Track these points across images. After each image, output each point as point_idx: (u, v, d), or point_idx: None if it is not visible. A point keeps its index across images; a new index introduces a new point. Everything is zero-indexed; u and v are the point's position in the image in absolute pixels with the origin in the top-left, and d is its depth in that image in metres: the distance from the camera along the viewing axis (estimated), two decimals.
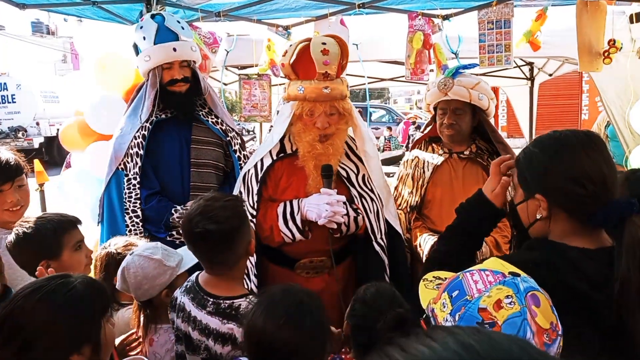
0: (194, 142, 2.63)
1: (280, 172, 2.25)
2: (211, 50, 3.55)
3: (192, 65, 2.62)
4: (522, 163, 1.27)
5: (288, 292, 1.28)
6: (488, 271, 0.99)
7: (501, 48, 3.04)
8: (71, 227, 1.85)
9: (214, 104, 2.74)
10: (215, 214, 1.51)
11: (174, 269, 1.82)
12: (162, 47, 2.52)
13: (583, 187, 1.15)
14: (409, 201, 2.60)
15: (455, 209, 1.53)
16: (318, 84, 2.09)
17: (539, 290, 0.94)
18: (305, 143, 2.14)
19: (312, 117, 2.13)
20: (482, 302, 0.92)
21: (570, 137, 1.21)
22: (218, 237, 1.50)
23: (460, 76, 2.48)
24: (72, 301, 1.14)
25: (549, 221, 1.22)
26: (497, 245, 2.35)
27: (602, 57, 2.88)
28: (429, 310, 1.03)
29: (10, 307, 1.11)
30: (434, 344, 0.42)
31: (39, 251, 1.74)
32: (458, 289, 0.98)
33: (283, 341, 1.18)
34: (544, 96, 9.41)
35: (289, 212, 2.12)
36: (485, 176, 2.52)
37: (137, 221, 2.52)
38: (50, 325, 1.10)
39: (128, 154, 2.56)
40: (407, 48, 3.23)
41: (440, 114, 2.54)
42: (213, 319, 1.52)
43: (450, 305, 0.97)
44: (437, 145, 2.65)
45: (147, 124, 2.56)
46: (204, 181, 2.63)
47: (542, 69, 5.44)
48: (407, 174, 2.65)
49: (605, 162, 1.18)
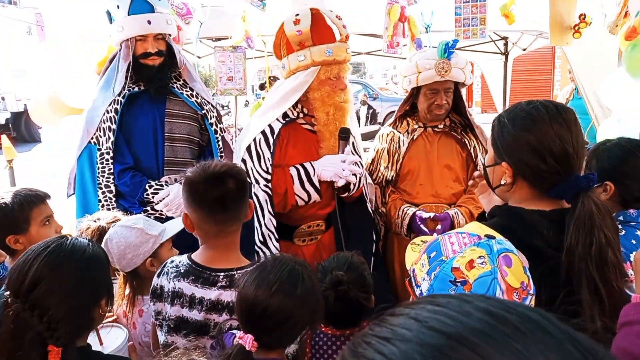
0: (168, 115, 2.58)
1: (286, 138, 2.29)
2: (184, 22, 3.46)
3: (167, 38, 2.56)
4: (495, 130, 1.32)
5: (279, 260, 1.29)
6: (465, 234, 1.03)
7: (476, 21, 3.06)
8: (39, 201, 1.82)
9: (190, 77, 2.69)
10: (225, 164, 1.55)
11: (157, 237, 1.83)
12: (136, 19, 2.45)
13: (544, 162, 1.21)
14: (385, 175, 2.63)
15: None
16: (343, 46, 2.21)
17: (512, 252, 0.99)
18: (331, 106, 2.22)
19: (337, 79, 2.21)
20: (455, 262, 0.97)
21: (541, 109, 1.25)
22: (237, 179, 1.51)
23: (454, 57, 2.46)
24: (93, 260, 1.26)
25: (511, 187, 1.30)
26: (472, 216, 2.42)
27: (573, 32, 2.92)
28: (411, 270, 1.08)
29: (34, 273, 1.16)
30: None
31: (5, 226, 1.72)
32: (436, 250, 1.02)
33: (274, 308, 1.19)
34: (518, 71, 9.54)
35: (304, 174, 2.20)
36: (459, 149, 2.57)
37: (110, 197, 2.48)
38: (77, 287, 1.20)
39: (100, 128, 2.50)
40: (385, 20, 3.22)
41: (430, 94, 2.50)
42: (229, 292, 1.48)
43: (428, 265, 1.01)
44: (412, 119, 2.67)
45: (120, 98, 2.50)
46: (178, 156, 2.59)
47: (516, 44, 5.49)
48: (383, 149, 2.67)
49: (573, 137, 1.22)
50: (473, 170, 2.56)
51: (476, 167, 2.54)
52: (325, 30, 2.21)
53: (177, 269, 1.58)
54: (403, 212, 2.52)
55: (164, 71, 2.55)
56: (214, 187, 1.50)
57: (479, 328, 0.39)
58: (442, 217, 2.44)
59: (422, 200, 2.56)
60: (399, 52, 3.29)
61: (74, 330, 1.20)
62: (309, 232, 2.35)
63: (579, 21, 2.87)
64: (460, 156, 2.58)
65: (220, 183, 1.50)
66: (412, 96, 2.63)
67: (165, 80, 2.56)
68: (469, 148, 2.55)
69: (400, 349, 0.39)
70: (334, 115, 2.22)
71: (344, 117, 2.26)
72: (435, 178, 2.56)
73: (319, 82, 2.20)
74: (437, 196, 2.55)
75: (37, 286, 1.15)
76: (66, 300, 1.17)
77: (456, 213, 2.45)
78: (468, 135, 2.58)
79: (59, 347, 1.14)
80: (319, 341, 1.61)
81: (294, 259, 1.33)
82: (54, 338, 1.14)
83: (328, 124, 2.24)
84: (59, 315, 1.15)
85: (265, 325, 1.20)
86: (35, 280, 1.16)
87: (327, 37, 2.19)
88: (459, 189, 2.57)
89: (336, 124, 2.23)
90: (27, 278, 1.16)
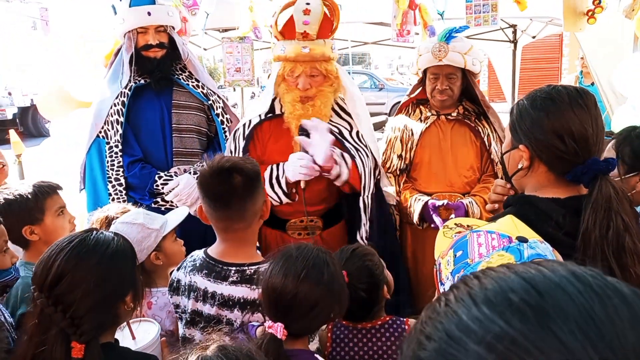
0: (175, 107, 2.58)
1: (269, 133, 2.25)
2: (190, 13, 3.43)
3: (168, 30, 2.54)
4: (514, 114, 1.30)
5: (302, 248, 1.29)
6: (495, 234, 0.97)
7: (488, 8, 3.01)
8: (52, 192, 1.83)
9: (195, 68, 2.68)
10: (238, 160, 1.51)
11: (158, 231, 1.83)
12: (136, 11, 2.45)
13: (563, 143, 1.18)
14: (398, 164, 2.60)
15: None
16: (297, 44, 2.11)
17: (545, 258, 0.92)
18: (287, 103, 2.17)
19: (294, 77, 2.14)
20: (480, 267, 0.91)
21: (562, 92, 1.23)
22: (242, 178, 1.46)
23: (454, 41, 2.43)
24: (117, 255, 1.24)
25: (528, 171, 1.27)
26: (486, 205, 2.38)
27: (587, 17, 2.87)
28: (437, 262, 1.04)
29: (57, 268, 1.15)
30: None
31: (21, 216, 1.71)
32: (462, 249, 0.97)
33: (303, 295, 1.20)
34: (526, 60, 9.41)
35: (274, 176, 2.13)
36: (473, 137, 2.54)
37: (120, 189, 2.49)
38: (100, 282, 1.17)
39: (108, 121, 2.51)
40: (393, 8, 3.17)
41: (432, 79, 2.50)
42: (239, 288, 1.47)
43: (453, 265, 0.97)
44: (425, 107, 2.63)
45: (126, 90, 2.50)
46: (187, 146, 2.59)
47: (525, 31, 5.42)
48: (396, 137, 2.64)
49: (593, 120, 1.20)
50: (487, 158, 2.53)
51: (490, 156, 2.51)
52: (289, 27, 2.15)
53: (194, 262, 1.59)
54: (415, 201, 2.50)
55: (166, 63, 2.55)
56: (218, 183, 1.48)
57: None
58: (455, 205, 2.40)
59: (436, 189, 2.53)
60: (410, 41, 3.25)
61: (98, 326, 1.18)
62: (302, 226, 2.28)
63: (593, 6, 2.82)
64: (474, 144, 2.54)
65: (224, 179, 1.47)
66: (422, 81, 2.60)
67: (166, 72, 2.55)
68: (482, 136, 2.51)
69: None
70: (291, 113, 2.16)
71: (308, 117, 2.14)
72: (448, 167, 2.53)
73: (280, 78, 2.20)
74: (450, 185, 2.52)
75: (61, 281, 1.14)
76: (90, 295, 1.15)
77: (470, 202, 2.41)
78: (482, 124, 2.54)
79: (82, 344, 1.13)
80: (340, 334, 1.59)
81: (315, 246, 1.33)
82: (77, 334, 1.13)
83: (290, 121, 2.18)
84: (83, 311, 1.14)
85: (295, 313, 1.20)
86: (59, 275, 1.15)
87: (288, 34, 2.16)
88: (472, 177, 2.53)
89: (295, 122, 2.16)
90: (51, 273, 1.15)
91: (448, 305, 0.44)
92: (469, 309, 0.42)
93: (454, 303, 0.44)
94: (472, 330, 0.40)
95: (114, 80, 2.59)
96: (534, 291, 0.41)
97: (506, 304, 0.40)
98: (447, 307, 0.44)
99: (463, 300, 0.43)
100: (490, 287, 0.43)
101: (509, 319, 0.39)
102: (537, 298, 0.40)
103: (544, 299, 0.40)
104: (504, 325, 0.39)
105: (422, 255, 2.57)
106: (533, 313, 0.39)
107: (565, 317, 0.38)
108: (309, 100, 2.16)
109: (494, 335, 0.38)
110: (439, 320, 0.43)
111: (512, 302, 0.40)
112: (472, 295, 0.43)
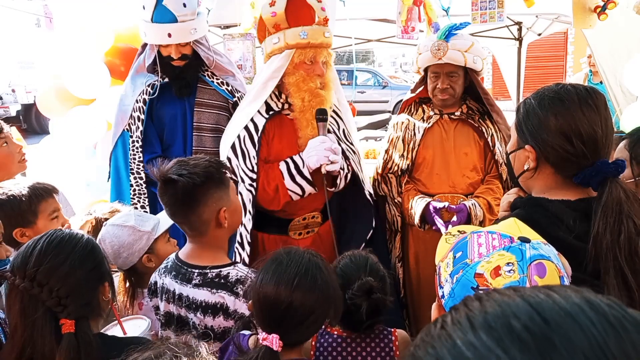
0: (197, 105, 2.58)
1: (272, 132, 2.20)
2: None
3: (191, 44, 2.49)
4: (521, 113, 1.26)
5: (293, 254, 1.23)
6: (496, 234, 0.93)
7: (494, 4, 2.95)
8: (47, 195, 1.80)
9: (223, 70, 2.64)
10: (185, 166, 1.46)
11: (150, 233, 1.80)
12: (158, 29, 2.38)
13: (571, 144, 1.15)
14: (400, 164, 2.55)
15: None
16: (320, 29, 2.07)
17: (549, 259, 0.88)
18: (305, 92, 2.10)
19: (312, 64, 2.10)
20: (480, 266, 0.87)
21: (571, 91, 1.19)
22: (180, 189, 1.43)
23: (454, 38, 2.36)
24: (92, 242, 1.30)
25: (535, 173, 1.23)
26: (490, 208, 2.33)
27: (597, 14, 2.81)
28: (438, 267, 1.00)
29: (37, 255, 1.20)
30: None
31: (12, 218, 1.69)
32: (462, 250, 0.93)
33: (298, 303, 1.15)
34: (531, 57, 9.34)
35: (293, 168, 2.10)
36: (477, 137, 2.48)
37: (141, 182, 2.55)
38: (78, 265, 1.22)
39: (132, 117, 2.55)
40: (398, 4, 3.12)
41: (433, 78, 2.44)
42: (201, 291, 1.46)
43: (452, 266, 0.93)
44: (428, 106, 2.58)
45: (149, 88, 2.51)
46: (207, 145, 2.59)
47: (531, 29, 5.35)
48: (398, 137, 2.59)
49: (602, 121, 1.16)
50: (491, 159, 2.48)
51: (494, 156, 2.45)
52: (302, 12, 2.09)
53: (166, 264, 1.59)
54: (416, 202, 2.44)
55: (188, 72, 2.53)
56: (161, 192, 1.49)
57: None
58: (457, 208, 2.35)
59: (438, 190, 2.47)
60: (415, 38, 3.19)
61: (83, 307, 1.22)
62: (304, 224, 2.25)
63: (603, 2, 2.75)
64: (477, 144, 2.48)
65: (164, 189, 1.47)
66: (424, 79, 2.55)
67: (188, 81, 2.54)
68: (486, 136, 2.46)
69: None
70: (310, 102, 2.11)
71: (322, 105, 2.13)
72: (451, 167, 2.47)
73: (294, 66, 2.11)
74: (453, 186, 2.46)
75: (42, 264, 1.18)
76: (71, 275, 1.20)
77: (473, 205, 2.35)
78: (486, 123, 2.48)
79: (72, 320, 1.17)
80: (324, 342, 1.52)
81: (305, 250, 1.28)
82: (64, 312, 1.17)
83: (304, 111, 2.13)
84: (67, 291, 1.18)
85: (290, 323, 1.15)
86: (40, 259, 1.19)
87: (302, 19, 2.08)
88: (476, 178, 2.47)
89: (312, 111, 2.12)
90: (32, 259, 1.19)
91: (444, 328, 0.40)
92: (465, 334, 0.37)
93: (449, 326, 0.40)
94: (466, 358, 0.36)
95: (139, 75, 2.60)
96: (539, 318, 0.36)
97: (506, 331, 0.36)
98: (443, 329, 0.40)
99: (460, 323, 0.39)
100: (491, 311, 0.38)
101: (508, 347, 0.35)
102: (541, 326, 0.35)
103: (550, 328, 0.35)
104: (501, 354, 0.34)
105: (424, 257, 2.51)
106: (535, 343, 0.34)
107: (573, 350, 0.33)
108: (324, 87, 2.14)
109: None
110: (432, 345, 0.39)
111: (514, 329, 0.36)
112: (470, 319, 0.39)
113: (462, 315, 0.40)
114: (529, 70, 7.95)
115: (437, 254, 1.08)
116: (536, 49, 12.50)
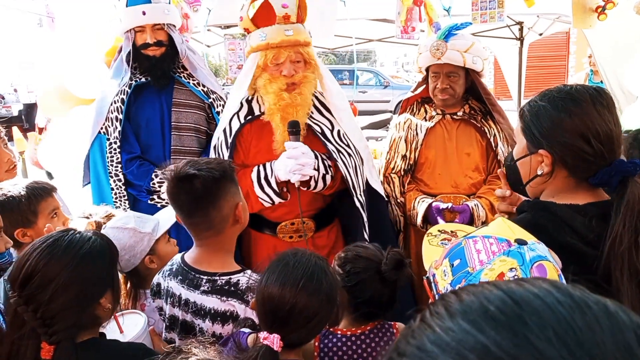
0: (175, 105, 2.59)
1: (250, 136, 2.15)
2: (192, 9, 3.39)
3: (166, 28, 2.52)
4: (528, 116, 1.22)
5: (300, 256, 1.23)
6: (492, 239, 0.92)
7: (494, 4, 2.95)
8: (46, 194, 1.79)
9: (193, 67, 2.65)
10: (199, 164, 1.45)
11: (151, 235, 1.79)
12: (132, 10, 2.46)
13: (589, 144, 1.12)
14: (402, 164, 2.55)
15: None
16: (279, 28, 2.00)
17: (546, 259, 0.88)
18: (272, 94, 2.02)
19: (278, 65, 2.02)
20: (484, 275, 0.87)
21: (582, 91, 1.16)
22: (200, 184, 1.41)
23: (454, 38, 2.36)
24: (91, 256, 1.21)
25: (549, 177, 1.19)
26: (492, 208, 2.33)
27: (597, 14, 2.81)
28: (430, 274, 0.98)
29: (28, 267, 1.15)
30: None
31: (13, 219, 1.68)
32: (459, 257, 0.92)
33: (302, 306, 1.15)
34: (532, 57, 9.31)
35: (262, 176, 2.03)
36: (479, 137, 2.48)
37: (120, 185, 2.53)
38: (72, 282, 1.15)
39: (109, 118, 2.54)
40: (397, 5, 3.12)
41: (433, 78, 2.45)
42: (210, 298, 1.44)
43: (451, 275, 0.92)
44: (430, 106, 2.58)
45: (126, 88, 2.52)
46: (185, 145, 2.60)
47: (532, 29, 5.34)
48: (400, 137, 2.58)
49: (615, 120, 1.14)
50: (493, 159, 2.47)
51: (496, 156, 2.45)
52: (264, 13, 2.01)
53: (171, 267, 1.57)
54: (419, 203, 2.44)
55: (165, 61, 2.54)
56: (178, 191, 1.45)
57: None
58: (460, 209, 2.34)
59: (440, 190, 2.47)
60: (415, 38, 3.19)
61: (72, 327, 1.16)
62: (293, 228, 2.17)
63: (603, 2, 2.75)
64: (480, 145, 2.47)
65: (183, 187, 1.44)
66: (426, 79, 2.55)
67: (165, 71, 2.55)
68: (488, 137, 2.45)
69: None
70: (277, 105, 2.02)
71: (295, 108, 2.03)
72: (453, 167, 2.47)
73: (261, 69, 2.05)
74: (455, 186, 2.46)
75: (31, 280, 1.13)
76: (61, 295, 1.14)
77: (476, 205, 2.35)
78: (488, 123, 2.48)
79: (52, 344, 1.12)
80: (328, 343, 1.52)
81: (312, 252, 1.28)
82: (47, 334, 1.12)
83: (272, 114, 2.04)
84: (54, 311, 1.13)
85: (293, 324, 1.15)
86: (29, 275, 1.14)
87: (265, 20, 2.02)
88: (478, 178, 2.47)
89: (281, 114, 2.03)
90: (22, 271, 1.14)
91: (423, 320, 0.42)
92: (443, 321, 0.40)
93: (428, 317, 0.42)
94: (445, 342, 0.38)
95: (116, 77, 2.61)
96: (510, 300, 0.39)
97: (481, 314, 0.39)
98: (422, 322, 0.42)
99: (438, 313, 0.42)
100: (467, 299, 0.42)
101: (483, 328, 0.37)
102: (513, 307, 0.39)
103: (521, 308, 0.38)
104: (477, 335, 0.37)
105: None
106: (508, 321, 0.37)
107: (543, 325, 0.37)
108: (296, 87, 2.03)
109: (467, 346, 0.37)
110: (412, 336, 0.41)
111: (488, 312, 0.39)
112: (447, 308, 0.42)
113: (440, 306, 0.42)
114: (531, 70, 7.93)
115: (424, 258, 1.08)
116: (538, 49, 12.47)
